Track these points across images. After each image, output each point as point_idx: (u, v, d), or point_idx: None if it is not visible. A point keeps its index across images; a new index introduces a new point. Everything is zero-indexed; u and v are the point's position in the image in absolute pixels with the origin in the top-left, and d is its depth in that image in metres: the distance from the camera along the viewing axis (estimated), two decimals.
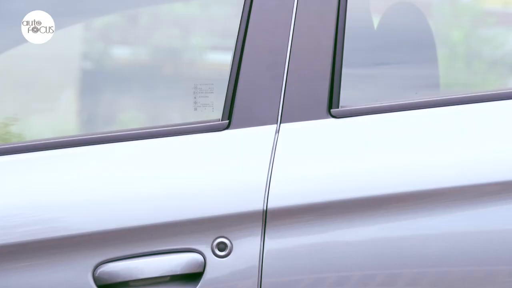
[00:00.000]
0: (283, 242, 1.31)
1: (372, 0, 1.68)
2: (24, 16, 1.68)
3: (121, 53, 1.94)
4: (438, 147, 1.36)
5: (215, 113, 1.41)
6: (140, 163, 1.39)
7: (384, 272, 1.30)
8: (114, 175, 1.37)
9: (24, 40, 1.69)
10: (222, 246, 1.29)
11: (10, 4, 1.64)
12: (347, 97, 1.40)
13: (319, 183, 1.33)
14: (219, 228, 1.30)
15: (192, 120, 1.48)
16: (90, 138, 1.47)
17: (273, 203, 1.30)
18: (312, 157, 1.35)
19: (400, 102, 1.42)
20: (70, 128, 1.83)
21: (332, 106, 1.36)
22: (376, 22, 1.64)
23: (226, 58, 1.44)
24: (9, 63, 1.72)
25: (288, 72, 1.37)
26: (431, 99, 1.44)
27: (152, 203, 1.34)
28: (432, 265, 1.30)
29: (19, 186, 1.37)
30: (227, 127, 1.36)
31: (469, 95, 1.46)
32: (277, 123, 1.35)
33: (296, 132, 1.36)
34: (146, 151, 1.40)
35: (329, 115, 1.36)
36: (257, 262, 1.29)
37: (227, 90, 1.39)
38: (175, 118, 1.73)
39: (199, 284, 1.28)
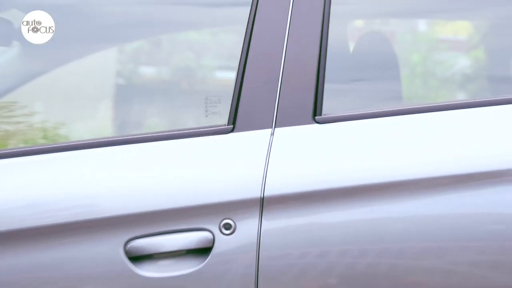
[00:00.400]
0: (276, 223, 1.30)
1: (348, 30, 1.67)
2: (74, 43, 1.72)
3: (147, 71, 1.93)
4: (401, 147, 1.35)
5: (222, 119, 1.40)
6: (161, 160, 1.39)
7: (357, 247, 1.29)
8: (140, 169, 1.37)
9: (71, 59, 1.70)
10: (227, 226, 1.28)
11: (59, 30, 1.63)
12: (329, 107, 1.39)
13: (305, 176, 1.32)
14: (225, 212, 1.30)
15: (203, 125, 1.48)
16: (121, 139, 1.47)
17: (269, 192, 1.30)
18: (300, 155, 1.34)
19: (371, 111, 1.41)
20: (106, 131, 1.81)
21: (316, 113, 1.36)
22: (351, 47, 1.64)
23: (231, 76, 1.43)
24: (58, 77, 1.71)
25: (281, 87, 1.36)
26: (395, 109, 1.43)
27: (171, 191, 1.33)
28: (395, 242, 1.29)
29: (64, 177, 1.37)
30: (232, 130, 1.36)
31: (426, 106, 1.46)
32: (272, 127, 1.34)
33: (287, 135, 1.35)
34: (167, 150, 1.39)
35: (314, 121, 1.35)
36: (256, 239, 1.28)
37: (232, 101, 1.38)
38: (190, 124, 1.69)
39: (209, 257, 1.28)
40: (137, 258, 1.30)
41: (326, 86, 1.38)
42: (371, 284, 1.30)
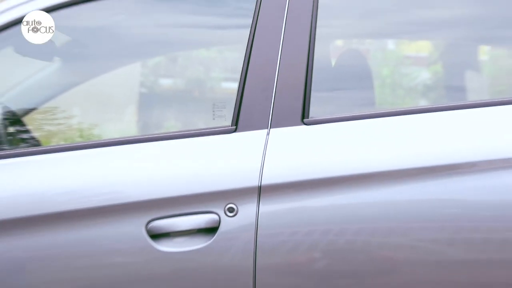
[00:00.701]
0: (271, 207, 1.28)
1: (331, 48, 1.65)
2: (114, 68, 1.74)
3: (165, 82, 1.93)
4: (375, 144, 1.33)
5: (227, 122, 1.37)
6: (176, 155, 1.37)
7: (338, 227, 1.28)
8: (159, 162, 1.36)
9: (102, 72, 1.69)
10: (231, 210, 1.26)
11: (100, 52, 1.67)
12: (315, 111, 1.36)
13: (295, 168, 1.30)
14: (229, 198, 1.28)
15: (211, 126, 1.46)
16: (144, 138, 1.45)
17: (265, 182, 1.28)
18: (291, 152, 1.32)
19: (349, 115, 1.39)
20: (131, 131, 1.82)
21: (304, 117, 1.33)
22: (333, 62, 1.62)
23: (234, 86, 1.40)
24: (92, 87, 1.71)
25: (275, 95, 1.34)
26: (369, 113, 1.41)
27: (184, 181, 1.31)
28: (368, 222, 1.28)
29: (96, 169, 1.36)
30: (235, 131, 1.34)
31: (394, 110, 1.43)
32: (268, 128, 1.32)
33: (280, 134, 1.33)
34: (180, 147, 1.37)
35: (302, 123, 1.33)
36: (254, 220, 1.27)
37: (234, 107, 1.35)
38: (201, 125, 1.69)
39: (215, 235, 1.26)
40: (156, 236, 1.28)
41: (312, 94, 1.36)
42: (349, 257, 1.28)
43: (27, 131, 1.63)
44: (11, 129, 1.57)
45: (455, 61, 1.80)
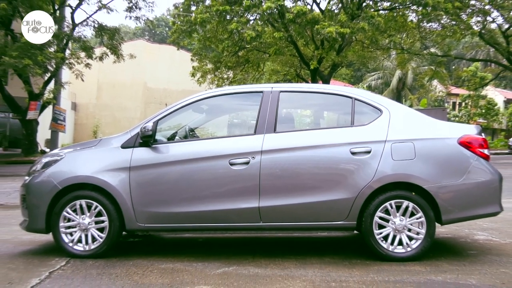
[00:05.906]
0: (265, 157, 1.64)
1: (283, 110, 1.88)
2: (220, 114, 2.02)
3: (235, 121, 2.30)
4: (298, 137, 1.67)
5: (252, 131, 1.71)
6: (237, 142, 1.66)
7: (285, 161, 1.58)
8: (232, 142, 1.65)
9: (216, 117, 2.00)
10: (253, 157, 1.65)
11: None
12: (279, 128, 1.71)
13: (272, 145, 1.64)
14: (252, 154, 1.65)
15: (246, 133, 1.82)
16: (228, 136, 1.80)
17: (264, 149, 1.65)
18: (272, 140, 1.66)
19: (289, 130, 1.76)
20: (224, 134, 2.06)
21: (275, 130, 1.71)
22: (283, 114, 1.88)
23: (253, 122, 1.72)
24: (214, 121, 2.05)
25: (266, 124, 1.70)
26: (295, 130, 1.76)
27: (238, 148, 1.63)
28: (294, 161, 1.61)
29: (213, 145, 1.67)
30: (254, 134, 1.70)
31: (299, 130, 1.78)
32: (263, 134, 1.70)
33: (268, 136, 1.69)
34: (238, 139, 1.67)
35: (274, 132, 1.71)
36: (259, 160, 1.65)
37: (254, 128, 1.71)
38: (244, 132, 1.96)
39: (248, 164, 1.61)
40: (231, 164, 1.63)
41: (277, 124, 1.72)
42: (286, 170, 1.61)
43: (195, 133, 1.99)
44: (190, 133, 1.92)
45: (317, 116, 2.13)
